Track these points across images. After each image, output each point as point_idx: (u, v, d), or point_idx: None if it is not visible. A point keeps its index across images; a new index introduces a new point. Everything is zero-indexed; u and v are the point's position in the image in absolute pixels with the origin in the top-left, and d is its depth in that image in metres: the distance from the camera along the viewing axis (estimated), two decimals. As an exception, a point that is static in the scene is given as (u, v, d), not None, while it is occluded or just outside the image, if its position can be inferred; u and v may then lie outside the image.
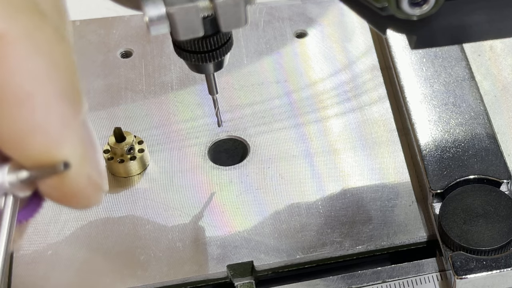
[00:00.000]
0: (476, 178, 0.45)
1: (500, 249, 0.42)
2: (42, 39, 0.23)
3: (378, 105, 0.53)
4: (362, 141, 0.50)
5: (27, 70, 0.23)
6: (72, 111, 0.24)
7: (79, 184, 0.25)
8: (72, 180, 0.25)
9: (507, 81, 0.53)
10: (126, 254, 0.45)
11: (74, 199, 0.25)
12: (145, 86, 0.54)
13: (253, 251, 0.45)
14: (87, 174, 0.25)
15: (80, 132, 0.25)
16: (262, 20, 0.58)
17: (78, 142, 0.24)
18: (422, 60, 0.52)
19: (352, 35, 0.57)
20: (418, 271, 0.44)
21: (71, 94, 0.24)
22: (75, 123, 0.24)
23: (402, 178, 0.48)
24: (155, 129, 0.52)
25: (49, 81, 0.23)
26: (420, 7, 0.33)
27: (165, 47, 0.56)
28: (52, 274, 0.44)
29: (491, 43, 0.55)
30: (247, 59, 0.56)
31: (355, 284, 0.44)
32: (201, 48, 0.38)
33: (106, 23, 0.58)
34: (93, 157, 0.25)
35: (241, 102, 0.53)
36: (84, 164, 0.25)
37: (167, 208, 0.47)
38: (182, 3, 0.32)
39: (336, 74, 0.55)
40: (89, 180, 0.25)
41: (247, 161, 0.50)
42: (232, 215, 0.47)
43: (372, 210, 0.47)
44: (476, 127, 0.48)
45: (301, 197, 0.48)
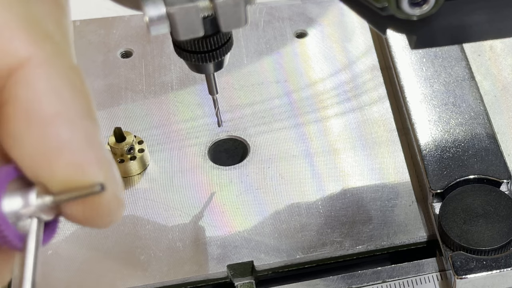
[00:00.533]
0: (476, 178, 0.45)
1: (500, 249, 0.42)
2: (61, 65, 0.24)
3: (378, 105, 0.53)
4: (362, 141, 0.50)
5: (52, 91, 0.24)
6: (94, 130, 0.25)
7: (108, 204, 0.25)
8: (103, 201, 0.25)
9: (507, 81, 0.53)
10: (126, 254, 0.45)
11: (100, 218, 0.25)
12: (145, 86, 0.54)
13: (253, 251, 0.45)
14: (114, 192, 0.25)
15: (103, 151, 0.25)
16: (262, 20, 0.58)
17: (103, 161, 0.25)
18: (422, 60, 0.52)
19: (352, 35, 0.57)
20: (418, 271, 0.44)
21: (90, 114, 0.25)
22: (98, 142, 0.25)
23: (402, 178, 0.48)
24: (155, 129, 0.52)
25: (72, 101, 0.24)
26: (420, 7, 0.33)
27: (165, 47, 0.56)
28: (52, 274, 0.44)
29: (491, 43, 0.55)
30: (247, 59, 0.56)
31: (355, 284, 0.44)
32: (201, 48, 0.38)
33: (106, 23, 0.58)
34: (115, 175, 0.25)
35: (241, 102, 0.53)
36: (111, 183, 0.25)
37: (167, 208, 0.47)
38: (182, 3, 0.32)
39: (336, 74, 0.55)
40: (116, 199, 0.25)
41: (247, 161, 0.50)
42: (232, 215, 0.47)
43: (372, 210, 0.47)
44: (476, 127, 0.48)
45: (301, 197, 0.48)
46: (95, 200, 0.25)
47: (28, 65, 0.24)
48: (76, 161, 0.24)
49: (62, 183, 0.24)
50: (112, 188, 0.25)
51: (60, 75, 0.24)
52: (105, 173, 0.25)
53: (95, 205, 0.25)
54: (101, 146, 0.25)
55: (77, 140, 0.24)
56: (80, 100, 0.25)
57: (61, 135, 0.24)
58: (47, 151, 0.24)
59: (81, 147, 0.24)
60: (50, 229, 0.26)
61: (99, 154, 0.25)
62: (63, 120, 0.24)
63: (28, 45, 0.24)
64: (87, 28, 0.58)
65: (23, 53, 0.24)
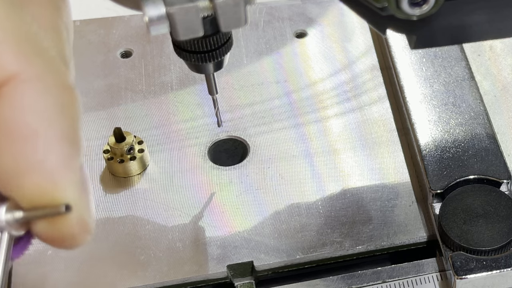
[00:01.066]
0: (476, 178, 0.45)
1: (500, 249, 0.42)
2: (52, 83, 0.24)
3: (378, 105, 0.53)
4: (362, 141, 0.50)
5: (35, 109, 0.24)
6: (71, 153, 0.25)
7: (72, 227, 0.25)
8: (67, 222, 0.25)
9: (507, 81, 0.53)
10: (126, 254, 0.45)
11: (64, 240, 0.26)
12: (145, 86, 0.54)
13: (253, 251, 0.45)
14: (81, 217, 0.25)
15: (78, 174, 0.25)
16: (262, 20, 0.58)
17: (75, 184, 0.25)
18: (422, 60, 0.52)
19: (352, 35, 0.57)
20: (418, 271, 0.44)
21: (72, 137, 0.25)
22: (73, 165, 0.25)
23: (402, 178, 0.48)
24: (155, 129, 0.52)
25: (54, 122, 0.24)
26: (420, 7, 0.33)
27: (165, 47, 0.56)
28: (52, 274, 0.44)
29: (491, 43, 0.55)
30: (247, 59, 0.56)
31: (355, 284, 0.44)
32: (201, 48, 0.38)
33: (106, 23, 0.58)
34: (87, 200, 0.26)
35: (241, 102, 0.53)
36: (79, 207, 0.25)
37: (167, 208, 0.47)
38: (182, 3, 0.32)
39: (336, 74, 0.55)
40: (81, 223, 0.25)
41: (247, 161, 0.50)
42: (232, 215, 0.47)
43: (372, 210, 0.47)
44: (476, 127, 0.48)
45: (301, 197, 0.48)
46: (60, 221, 0.25)
47: (15, 81, 0.23)
48: (46, 182, 0.24)
49: (30, 201, 0.24)
50: (79, 212, 0.25)
51: (47, 94, 0.24)
52: (74, 196, 0.25)
53: (59, 225, 0.25)
54: (78, 168, 0.25)
55: (52, 160, 0.24)
56: (63, 121, 0.24)
57: (36, 153, 0.24)
58: (19, 168, 0.24)
59: (55, 167, 0.24)
60: (22, 244, 0.26)
61: (74, 176, 0.25)
62: (41, 139, 0.24)
63: (17, 60, 0.23)
64: (87, 28, 0.58)
65: (11, 68, 0.23)
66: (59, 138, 0.24)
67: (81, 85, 0.54)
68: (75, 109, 0.25)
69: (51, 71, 0.24)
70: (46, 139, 0.24)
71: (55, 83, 0.24)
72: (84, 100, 0.53)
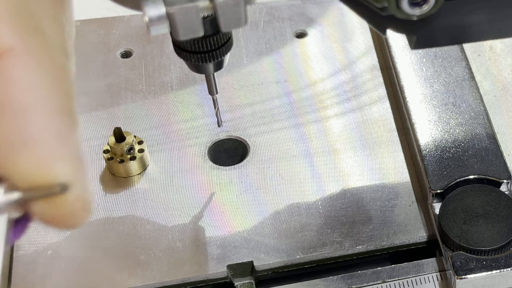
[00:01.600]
0: (476, 178, 0.45)
1: (500, 249, 0.42)
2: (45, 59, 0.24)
3: (378, 105, 0.53)
4: (362, 141, 0.50)
5: (29, 83, 0.23)
6: (67, 128, 0.24)
7: (70, 205, 0.25)
8: (65, 201, 0.24)
9: (507, 81, 0.53)
10: (126, 254, 0.45)
11: (62, 220, 0.25)
12: (145, 86, 0.54)
13: (253, 251, 0.45)
14: (79, 194, 0.25)
15: (73, 150, 0.25)
16: (262, 20, 0.58)
17: (70, 160, 0.24)
18: (422, 60, 0.52)
19: (352, 35, 0.57)
20: (418, 271, 0.44)
21: (67, 112, 0.24)
22: (68, 140, 0.24)
23: (402, 178, 0.48)
24: (155, 129, 0.52)
25: (48, 96, 0.24)
26: (420, 7, 0.33)
27: (165, 47, 0.56)
28: (52, 274, 0.44)
29: (491, 43, 0.55)
30: (247, 59, 0.56)
31: (355, 284, 0.44)
32: (201, 48, 0.38)
33: (106, 23, 0.58)
34: (84, 177, 0.25)
35: (241, 102, 0.53)
36: (76, 184, 0.24)
37: (167, 208, 0.47)
38: (182, 3, 0.32)
39: (336, 74, 0.55)
40: (79, 201, 0.25)
41: (247, 161, 0.50)
42: (232, 215, 0.47)
43: (372, 210, 0.47)
44: (476, 127, 0.48)
45: (301, 197, 0.48)
46: (58, 200, 0.24)
47: (9, 54, 0.23)
48: (42, 156, 0.24)
49: (25, 177, 0.24)
50: (77, 189, 0.24)
51: (42, 69, 0.24)
52: (72, 171, 0.24)
53: (58, 205, 0.24)
54: (73, 144, 0.24)
55: (46, 135, 0.24)
56: (58, 96, 0.24)
57: (30, 128, 0.23)
58: (13, 142, 0.23)
59: (50, 142, 0.24)
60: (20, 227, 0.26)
61: (69, 152, 0.24)
62: (34, 113, 0.23)
63: (12, 35, 0.23)
64: (87, 28, 0.58)
65: (5, 42, 0.23)
66: (53, 112, 0.24)
67: (81, 85, 0.54)
68: (68, 86, 0.25)
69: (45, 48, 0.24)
70: (39, 113, 0.24)
71: (48, 59, 0.24)
72: (84, 100, 0.53)
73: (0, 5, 0.23)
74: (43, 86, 0.24)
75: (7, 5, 0.23)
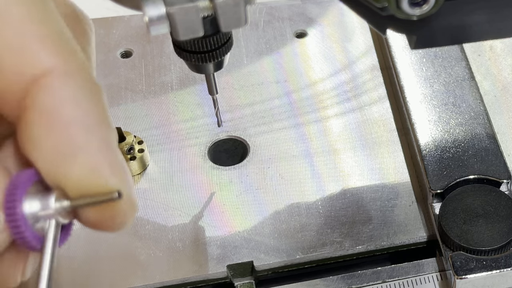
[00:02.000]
0: (476, 178, 0.45)
1: (500, 249, 0.42)
2: (83, 78, 0.26)
3: (378, 105, 0.53)
4: (362, 141, 0.50)
5: (73, 99, 0.26)
6: (109, 137, 0.26)
7: (123, 208, 0.26)
8: (118, 205, 0.26)
9: (507, 81, 0.53)
10: (126, 254, 0.45)
11: (115, 222, 0.26)
12: (145, 86, 0.54)
13: (253, 251, 0.45)
14: (128, 196, 0.26)
15: (117, 156, 0.26)
16: (262, 20, 0.58)
17: (117, 164, 0.26)
18: (422, 60, 0.52)
19: (352, 35, 0.57)
20: (418, 271, 0.44)
21: (107, 123, 0.27)
22: (112, 148, 0.26)
23: (402, 178, 0.48)
24: (155, 129, 0.52)
25: (91, 110, 0.26)
26: (420, 7, 0.33)
27: (165, 47, 0.56)
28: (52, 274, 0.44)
29: (491, 43, 0.55)
30: (247, 59, 0.56)
31: (355, 284, 0.44)
32: (201, 48, 0.38)
33: (106, 23, 0.58)
34: (130, 178, 0.27)
35: (241, 102, 0.53)
36: (124, 186, 0.26)
37: (167, 208, 0.47)
38: (182, 3, 0.32)
39: (336, 74, 0.55)
40: (130, 202, 0.26)
41: (247, 161, 0.50)
42: (232, 215, 0.47)
43: (372, 210, 0.47)
44: (476, 127, 0.48)
45: (301, 197, 0.48)
46: (111, 206, 0.26)
47: (52, 75, 0.25)
48: (91, 165, 0.25)
49: (77, 185, 0.25)
50: (126, 192, 0.26)
51: (81, 87, 0.26)
52: (118, 176, 0.26)
53: (111, 210, 0.26)
54: (116, 151, 0.26)
55: (92, 144, 0.26)
56: (97, 109, 0.26)
57: (77, 140, 0.25)
58: (63, 155, 0.25)
59: (96, 151, 0.26)
60: (65, 232, 0.27)
61: (114, 158, 0.26)
62: (80, 126, 0.25)
63: (53, 57, 0.26)
64: (87, 28, 0.58)
65: (47, 63, 0.26)
66: (97, 123, 0.26)
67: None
68: (103, 100, 0.27)
69: (82, 69, 0.26)
70: (85, 125, 0.26)
71: (85, 78, 0.26)
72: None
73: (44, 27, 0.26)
74: (85, 102, 0.26)
75: (50, 28, 0.26)
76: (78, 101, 0.26)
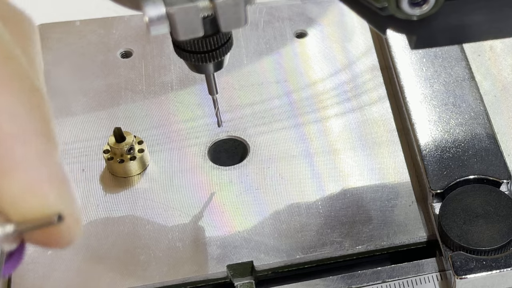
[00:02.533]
0: (476, 178, 0.45)
1: (500, 249, 0.42)
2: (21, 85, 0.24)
3: (378, 105, 0.53)
4: (362, 141, 0.50)
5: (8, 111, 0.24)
6: (48, 150, 0.25)
7: (68, 225, 0.25)
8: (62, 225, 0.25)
9: (507, 81, 0.53)
10: (126, 254, 0.45)
11: (61, 240, 0.26)
12: (145, 86, 0.54)
13: (253, 251, 0.45)
14: (69, 212, 0.25)
15: (56, 169, 0.25)
16: (262, 20, 0.58)
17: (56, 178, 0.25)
18: (422, 60, 0.52)
19: (352, 35, 0.57)
20: (418, 271, 0.44)
21: (46, 135, 0.25)
22: (51, 162, 0.25)
23: (402, 178, 0.48)
24: (155, 129, 0.52)
25: (29, 122, 0.24)
26: (420, 7, 0.33)
27: (165, 47, 0.56)
28: (52, 274, 0.44)
29: (491, 43, 0.55)
30: (247, 59, 0.56)
31: (355, 284, 0.44)
32: (201, 48, 0.38)
33: (106, 23, 0.58)
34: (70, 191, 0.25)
35: (241, 102, 0.53)
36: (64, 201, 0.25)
37: (167, 208, 0.47)
38: (182, 3, 0.32)
39: (336, 74, 0.55)
40: (71, 218, 0.25)
41: (247, 161, 0.50)
42: (232, 215, 0.47)
43: (372, 210, 0.47)
44: (476, 127, 0.48)
45: (301, 197, 0.48)
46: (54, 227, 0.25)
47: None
48: (28, 180, 0.24)
49: (15, 204, 0.24)
50: (67, 208, 0.25)
51: (18, 96, 0.24)
52: (58, 191, 0.25)
53: (55, 231, 0.25)
54: (55, 163, 0.25)
55: (30, 159, 0.24)
56: (36, 120, 0.24)
57: (13, 155, 0.24)
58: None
59: (34, 166, 0.24)
60: (17, 256, 0.26)
61: (53, 171, 0.25)
62: (17, 139, 0.24)
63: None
64: (87, 28, 0.58)
65: None
66: (35, 136, 0.24)
67: (81, 85, 0.54)
68: (46, 109, 0.25)
69: (20, 75, 0.25)
70: (22, 138, 0.24)
71: (24, 85, 0.24)
72: (84, 100, 0.53)
73: None
74: (22, 113, 0.24)
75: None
76: (14, 113, 0.24)
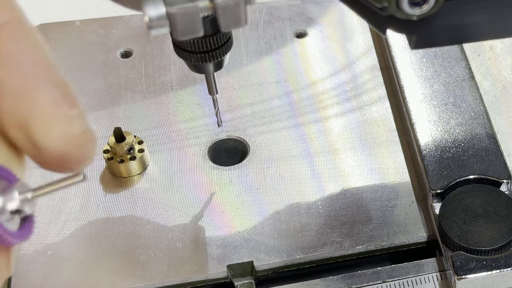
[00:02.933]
0: (476, 178, 0.45)
1: (500, 249, 0.42)
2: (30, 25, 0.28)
3: (378, 105, 0.53)
4: (362, 141, 0.50)
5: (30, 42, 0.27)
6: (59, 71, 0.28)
7: (85, 138, 0.27)
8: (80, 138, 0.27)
9: (507, 81, 0.53)
10: (126, 254, 0.45)
11: (79, 154, 0.27)
12: (145, 86, 0.54)
13: (253, 251, 0.45)
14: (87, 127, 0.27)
15: (72, 88, 0.28)
16: (262, 20, 0.59)
17: (74, 97, 0.27)
18: (422, 60, 0.52)
19: (352, 35, 0.57)
20: (418, 271, 0.44)
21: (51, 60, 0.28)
22: (65, 81, 0.27)
23: (402, 178, 0.48)
24: (155, 129, 0.52)
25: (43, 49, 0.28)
26: (420, 7, 0.33)
27: (165, 47, 0.56)
28: (52, 274, 0.44)
29: (491, 43, 0.55)
30: (247, 59, 0.56)
31: (355, 284, 0.44)
32: (201, 48, 0.38)
33: (106, 23, 0.58)
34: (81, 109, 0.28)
35: (241, 102, 0.53)
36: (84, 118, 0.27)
37: (167, 208, 0.47)
38: (182, 3, 0.32)
39: (336, 74, 0.55)
40: (90, 132, 0.28)
41: (247, 161, 0.50)
42: (232, 215, 0.47)
43: (372, 210, 0.47)
44: (476, 127, 0.48)
45: (301, 197, 0.48)
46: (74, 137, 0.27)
47: (6, 25, 0.27)
48: (52, 97, 0.27)
49: (41, 119, 0.27)
50: (84, 124, 0.27)
51: (32, 33, 0.28)
52: (76, 108, 0.27)
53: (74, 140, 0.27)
54: (68, 84, 0.28)
55: (50, 79, 0.27)
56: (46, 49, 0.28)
57: (37, 77, 0.27)
58: (26, 91, 0.26)
59: (54, 85, 0.27)
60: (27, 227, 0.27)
61: (69, 91, 0.27)
62: (37, 64, 0.27)
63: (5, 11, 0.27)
64: (87, 28, 0.58)
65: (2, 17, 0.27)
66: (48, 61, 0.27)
67: (81, 85, 0.54)
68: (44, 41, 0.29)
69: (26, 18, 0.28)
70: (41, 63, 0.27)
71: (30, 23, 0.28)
72: (84, 100, 0.53)
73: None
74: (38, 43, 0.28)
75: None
76: (32, 43, 0.27)
